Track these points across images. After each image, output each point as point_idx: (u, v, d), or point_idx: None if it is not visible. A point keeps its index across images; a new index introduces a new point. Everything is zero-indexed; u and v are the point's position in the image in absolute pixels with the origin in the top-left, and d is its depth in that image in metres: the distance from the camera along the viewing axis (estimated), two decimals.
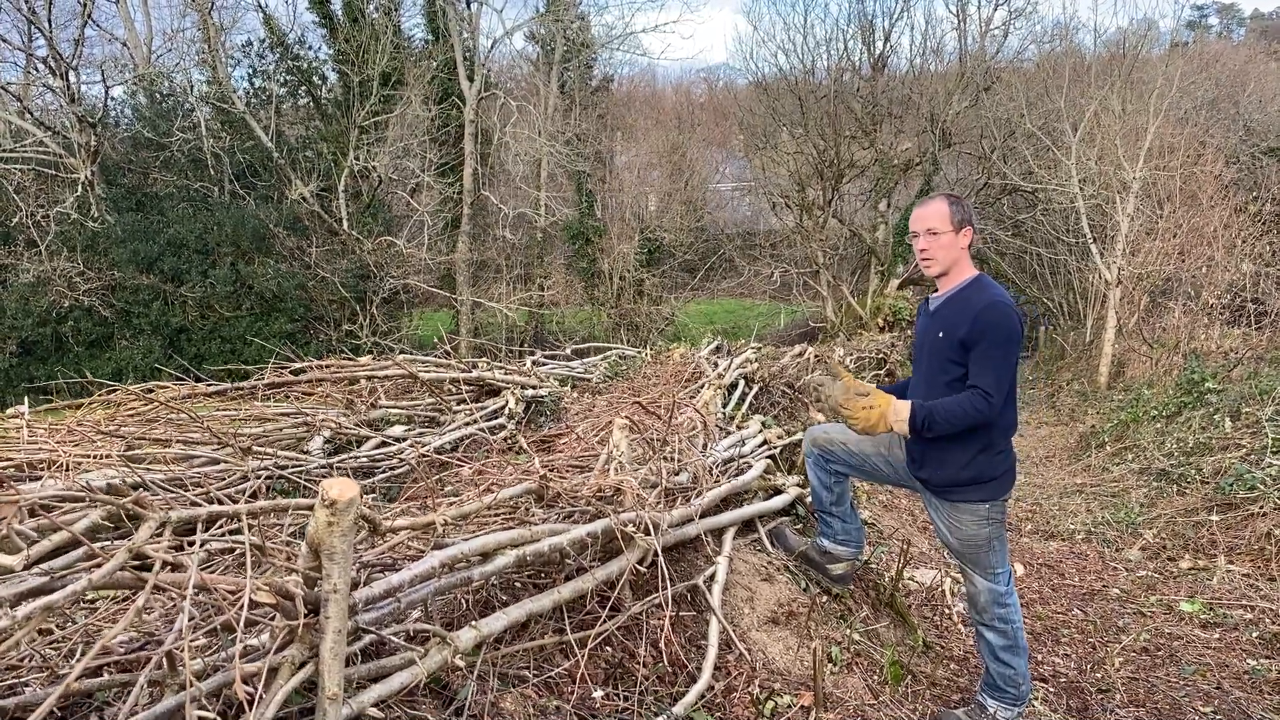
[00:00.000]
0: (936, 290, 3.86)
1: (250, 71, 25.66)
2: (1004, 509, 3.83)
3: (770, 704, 3.29)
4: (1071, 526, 8.56)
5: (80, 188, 21.03)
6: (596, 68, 32.80)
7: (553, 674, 2.76)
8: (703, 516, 3.92)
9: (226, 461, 3.83)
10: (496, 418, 5.67)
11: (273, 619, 2.05)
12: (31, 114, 22.14)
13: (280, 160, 23.26)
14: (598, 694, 2.81)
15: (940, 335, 3.69)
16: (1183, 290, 17.11)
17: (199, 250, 22.07)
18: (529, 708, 2.56)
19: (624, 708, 2.83)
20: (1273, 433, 8.83)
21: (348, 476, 3.89)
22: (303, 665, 2.00)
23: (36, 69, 22.74)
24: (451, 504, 2.79)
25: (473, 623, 2.55)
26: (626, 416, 3.76)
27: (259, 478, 3.63)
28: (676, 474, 3.97)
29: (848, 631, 4.08)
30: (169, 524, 1.90)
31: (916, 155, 27.48)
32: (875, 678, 3.89)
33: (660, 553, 3.10)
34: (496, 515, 2.95)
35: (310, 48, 26.17)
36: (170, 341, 21.74)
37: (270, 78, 25.45)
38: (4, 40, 23.18)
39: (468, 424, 5.34)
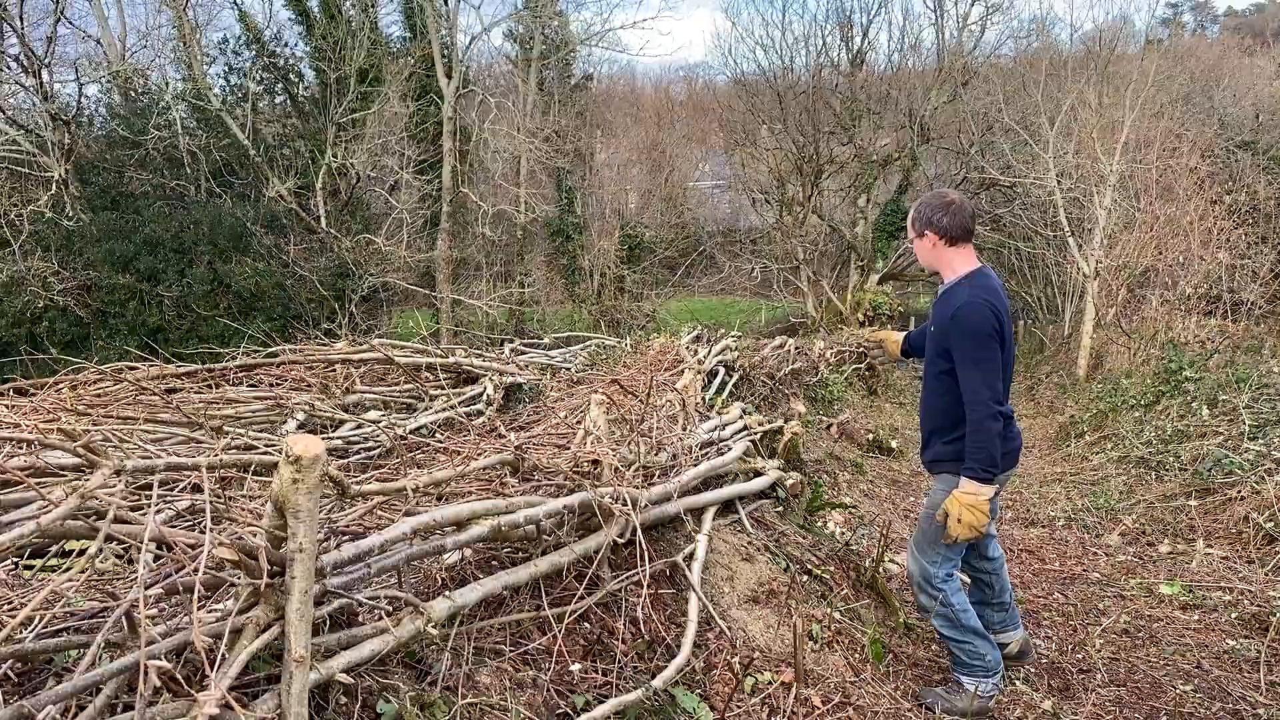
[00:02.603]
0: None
1: (226, 69, 25.42)
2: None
3: (751, 680, 3.27)
4: (1052, 513, 8.58)
5: (54, 186, 20.77)
6: (576, 65, 32.71)
7: (529, 648, 2.72)
8: (682, 495, 3.90)
9: (198, 441, 3.76)
10: (475, 404, 5.63)
11: (237, 580, 2.00)
12: (3, 112, 21.86)
13: (257, 158, 23.05)
14: (575, 667, 2.78)
15: (933, 329, 3.96)
16: (1160, 282, 17.20)
17: (176, 249, 21.83)
18: (505, 681, 2.52)
19: (603, 682, 2.79)
20: (1249, 419, 8.89)
21: (340, 456, 3.85)
22: (268, 627, 1.95)
23: (9, 67, 22.45)
24: (428, 472, 2.75)
25: (446, 593, 2.51)
26: (603, 394, 3.73)
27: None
28: (656, 453, 3.94)
29: (828, 610, 4.06)
30: (124, 472, 1.85)
31: (895, 151, 27.55)
32: (857, 656, 3.88)
33: (639, 529, 3.08)
34: (472, 486, 2.91)
35: (287, 45, 25.94)
36: (147, 342, 21.51)
37: (247, 75, 25.21)
38: None
39: (445, 409, 5.29)
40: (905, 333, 4.81)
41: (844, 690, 3.47)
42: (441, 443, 3.40)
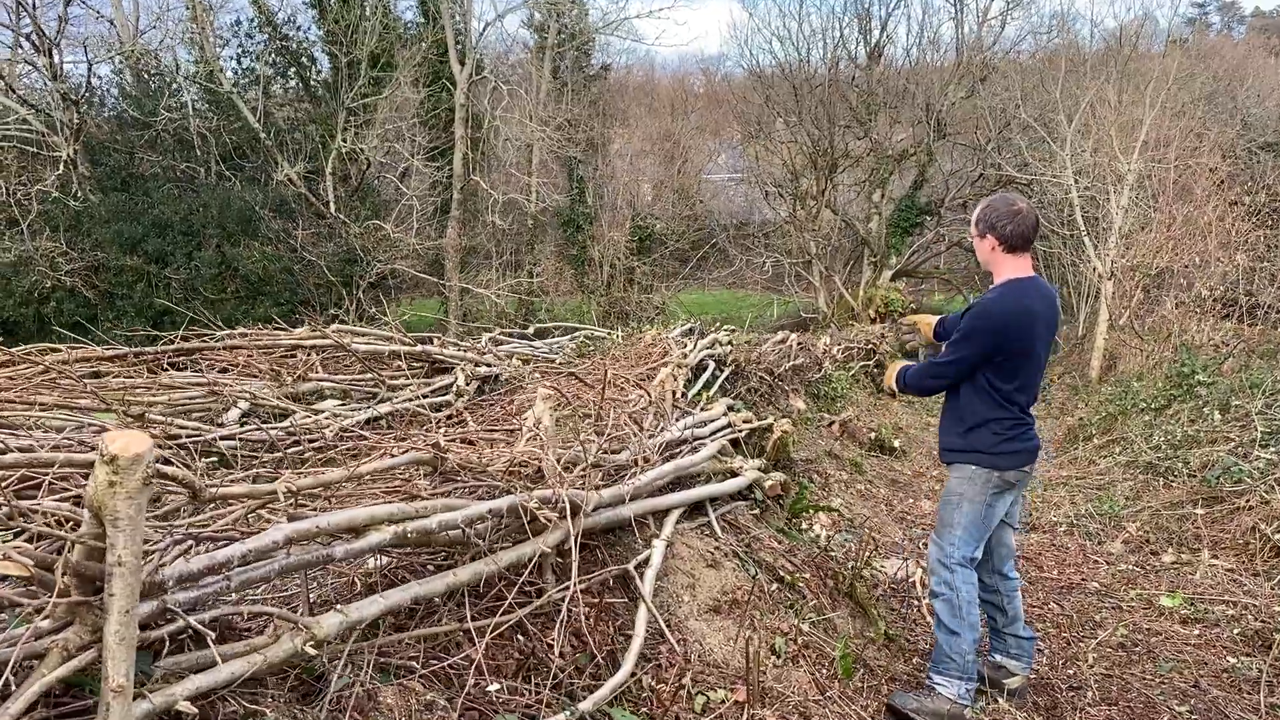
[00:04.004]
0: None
1: (239, 51, 25.33)
2: (995, 484, 4.01)
3: (701, 699, 3.07)
4: (1054, 518, 8.35)
5: (62, 166, 20.71)
6: (595, 55, 32.48)
7: (446, 665, 2.53)
8: (643, 497, 3.70)
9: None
10: (444, 395, 5.43)
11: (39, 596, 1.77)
12: (14, 91, 21.80)
13: (268, 142, 22.95)
14: (493, 687, 2.58)
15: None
16: (1175, 283, 16.89)
17: (184, 232, 21.75)
18: (412, 701, 2.34)
19: (533, 700, 2.60)
20: (1262, 426, 8.63)
21: (269, 450, 3.66)
22: (83, 650, 1.75)
23: (20, 46, 22.40)
24: (311, 473, 2.54)
25: (338, 606, 2.31)
26: (552, 387, 3.53)
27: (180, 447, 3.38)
28: (617, 452, 3.75)
29: (796, 622, 3.85)
30: None
31: (911, 146, 27.22)
32: (824, 671, 3.67)
33: (577, 535, 2.88)
34: (384, 487, 2.72)
35: (300, 28, 25.83)
36: (154, 325, 21.40)
37: (259, 58, 25.11)
38: None
39: (408, 400, 5.09)
40: (940, 316, 4.87)
41: (804, 710, 3.26)
42: (365, 437, 3.20)
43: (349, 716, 2.14)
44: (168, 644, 1.95)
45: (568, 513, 2.85)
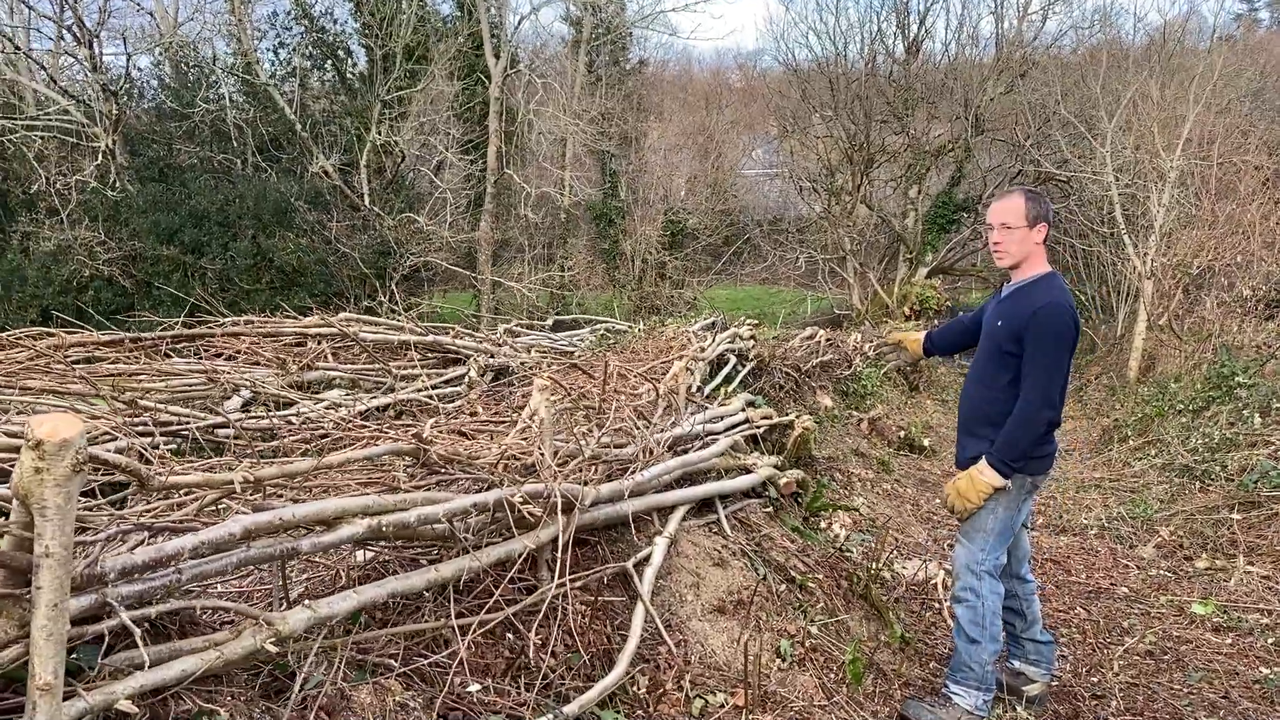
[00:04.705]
0: (1010, 280, 4.01)
1: (276, 44, 25.50)
2: (1027, 488, 3.91)
3: (699, 702, 2.97)
4: (1085, 521, 8.17)
5: (100, 156, 20.96)
6: (631, 50, 32.40)
7: (425, 663, 2.45)
8: (647, 493, 3.61)
9: (104, 417, 3.50)
10: (456, 386, 5.37)
11: None
12: (56, 82, 22.10)
13: (303, 134, 23.09)
14: (474, 687, 2.50)
15: (1000, 324, 3.88)
16: (1216, 283, 16.52)
17: (220, 222, 21.92)
18: (388, 700, 2.27)
19: (518, 703, 2.52)
20: None
21: (258, 438, 3.61)
22: (6, 646, 1.67)
23: (63, 37, 22.71)
24: (277, 462, 2.47)
25: (307, 602, 2.24)
26: (551, 378, 3.45)
27: (140, 433, 3.30)
28: (621, 446, 3.66)
29: (804, 624, 3.74)
30: None
31: (949, 141, 26.88)
32: (832, 675, 3.56)
33: (569, 531, 2.78)
34: (369, 480, 2.65)
35: (336, 20, 25.96)
36: (190, 314, 21.55)
37: (295, 50, 25.26)
38: (35, 11, 23.19)
39: (417, 390, 5.03)
40: (925, 332, 4.72)
41: (808, 716, 3.16)
42: (365, 427, 3.14)
43: (315, 715, 2.08)
44: (113, 639, 1.89)
45: (558, 508, 2.77)
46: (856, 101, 26.46)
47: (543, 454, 2.95)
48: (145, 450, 2.40)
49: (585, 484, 3.07)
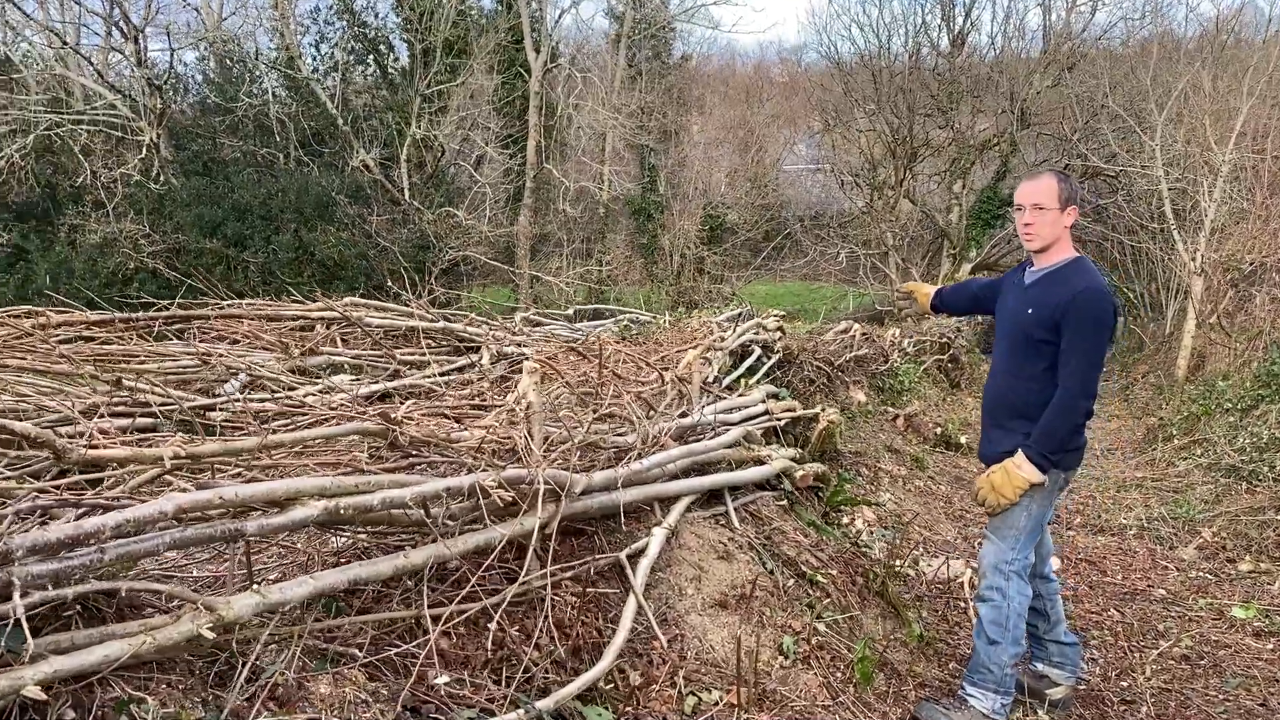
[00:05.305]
0: (1032, 264, 3.86)
1: (318, 39, 25.70)
2: (1059, 484, 3.79)
3: (692, 699, 2.86)
4: (1124, 521, 7.94)
5: (144, 150, 21.26)
6: (676, 45, 32.26)
7: (392, 653, 2.37)
8: (648, 483, 3.49)
9: (84, 398, 3.42)
10: (466, 373, 5.29)
11: None
12: (103, 77, 22.44)
13: (345, 128, 23.25)
14: (441, 679, 2.41)
15: (1030, 312, 3.71)
16: (1269, 279, 16.06)
17: (263, 216, 22.14)
18: (348, 691, 2.18)
19: (495, 696, 2.43)
20: None
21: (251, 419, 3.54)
22: None
23: (111, 33, 23.05)
24: (219, 439, 2.38)
25: (255, 587, 2.16)
26: (543, 362, 3.34)
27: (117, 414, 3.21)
28: (621, 434, 3.55)
29: (810, 620, 3.60)
30: None
31: (994, 135, 26.44)
32: (839, 675, 3.42)
33: (555, 520, 2.69)
34: (335, 462, 2.56)
35: (377, 15, 26.11)
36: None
37: (338, 45, 25.45)
38: (85, 8, 23.56)
39: (426, 377, 4.96)
40: (937, 288, 4.61)
41: (809, 716, 3.03)
42: (364, 412, 3.05)
43: (260, 705, 2.00)
44: (40, 621, 1.81)
45: (540, 496, 2.67)
46: (900, 95, 26.12)
47: (529, 438, 2.86)
48: (119, 431, 2.34)
49: (575, 471, 2.97)
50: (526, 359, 5.83)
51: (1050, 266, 3.74)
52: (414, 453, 2.78)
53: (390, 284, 22.68)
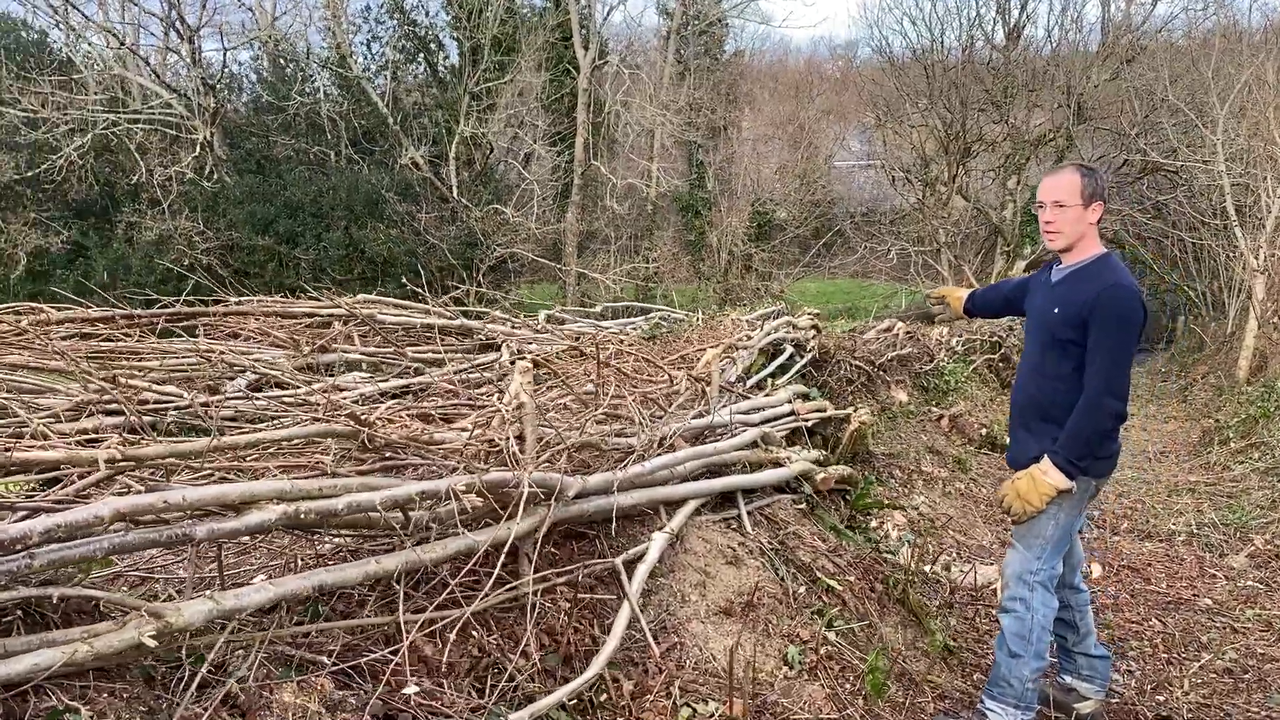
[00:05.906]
0: (1060, 262, 3.73)
1: (369, 38, 25.97)
2: (1090, 491, 3.65)
3: (687, 710, 2.77)
4: (1173, 527, 7.68)
5: (198, 149, 21.64)
6: (728, 41, 32.09)
7: (362, 661, 2.31)
8: (650, 486, 3.41)
9: (73, 394, 3.41)
10: (485, 372, 5.24)
11: None
12: (159, 77, 22.88)
13: (395, 126, 23.46)
14: (410, 689, 2.35)
15: (1056, 311, 3.59)
16: None
17: (314, 213, 22.44)
18: (313, 700, 2.13)
19: (471, 706, 2.37)
20: None
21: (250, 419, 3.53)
22: None
23: (168, 33, 23.51)
24: (165, 441, 2.33)
25: (209, 593, 2.10)
26: (538, 360, 3.27)
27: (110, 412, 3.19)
28: (627, 435, 3.47)
29: (819, 629, 3.49)
30: None
31: (1050, 130, 25.90)
32: (848, 687, 3.31)
33: (513, 535, 2.59)
34: (302, 464, 2.51)
35: (427, 13, 26.32)
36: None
37: (388, 44, 25.70)
38: (143, 9, 24.05)
39: (441, 376, 4.90)
40: (970, 290, 4.49)
41: None
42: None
43: (211, 713, 1.96)
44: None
45: (523, 500, 2.59)
46: (953, 90, 25.69)
47: (518, 439, 2.79)
48: (112, 429, 2.32)
49: (569, 473, 2.89)
50: (523, 358, 5.79)
51: (1076, 264, 3.61)
52: (390, 455, 2.73)
53: (437, 280, 22.96)
